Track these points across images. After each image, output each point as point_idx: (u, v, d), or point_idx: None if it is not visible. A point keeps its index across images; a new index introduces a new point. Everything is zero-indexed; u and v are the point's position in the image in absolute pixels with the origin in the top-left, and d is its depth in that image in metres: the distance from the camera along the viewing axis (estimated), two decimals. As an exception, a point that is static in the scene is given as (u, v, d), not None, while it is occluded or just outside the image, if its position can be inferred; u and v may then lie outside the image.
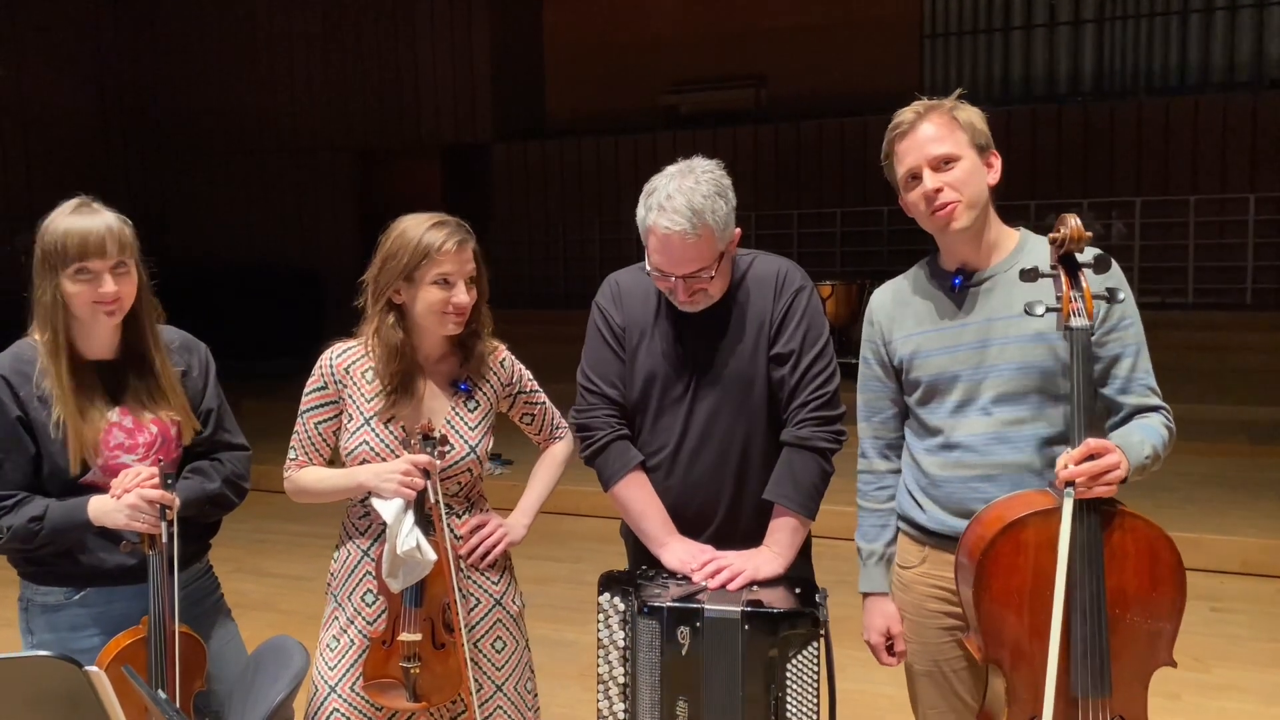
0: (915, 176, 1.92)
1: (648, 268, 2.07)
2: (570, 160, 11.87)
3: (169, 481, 1.94)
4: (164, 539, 1.91)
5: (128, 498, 1.89)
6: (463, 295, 2.05)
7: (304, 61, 12.39)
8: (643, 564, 2.13)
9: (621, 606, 1.96)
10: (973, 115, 1.93)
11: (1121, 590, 1.73)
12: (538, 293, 11.59)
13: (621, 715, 1.97)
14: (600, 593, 2.00)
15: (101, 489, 1.96)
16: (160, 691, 1.87)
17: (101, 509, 1.91)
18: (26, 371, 1.95)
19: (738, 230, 2.08)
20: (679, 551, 2.07)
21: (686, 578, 2.01)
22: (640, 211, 2.05)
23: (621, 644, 1.96)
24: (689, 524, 2.13)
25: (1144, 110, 9.90)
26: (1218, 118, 9.61)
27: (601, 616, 1.99)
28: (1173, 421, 1.89)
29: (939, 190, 1.89)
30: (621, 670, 1.97)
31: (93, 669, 1.29)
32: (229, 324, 7.04)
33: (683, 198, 1.96)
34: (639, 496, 2.12)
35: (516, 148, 12.02)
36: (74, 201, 1.95)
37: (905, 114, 1.95)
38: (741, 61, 11.49)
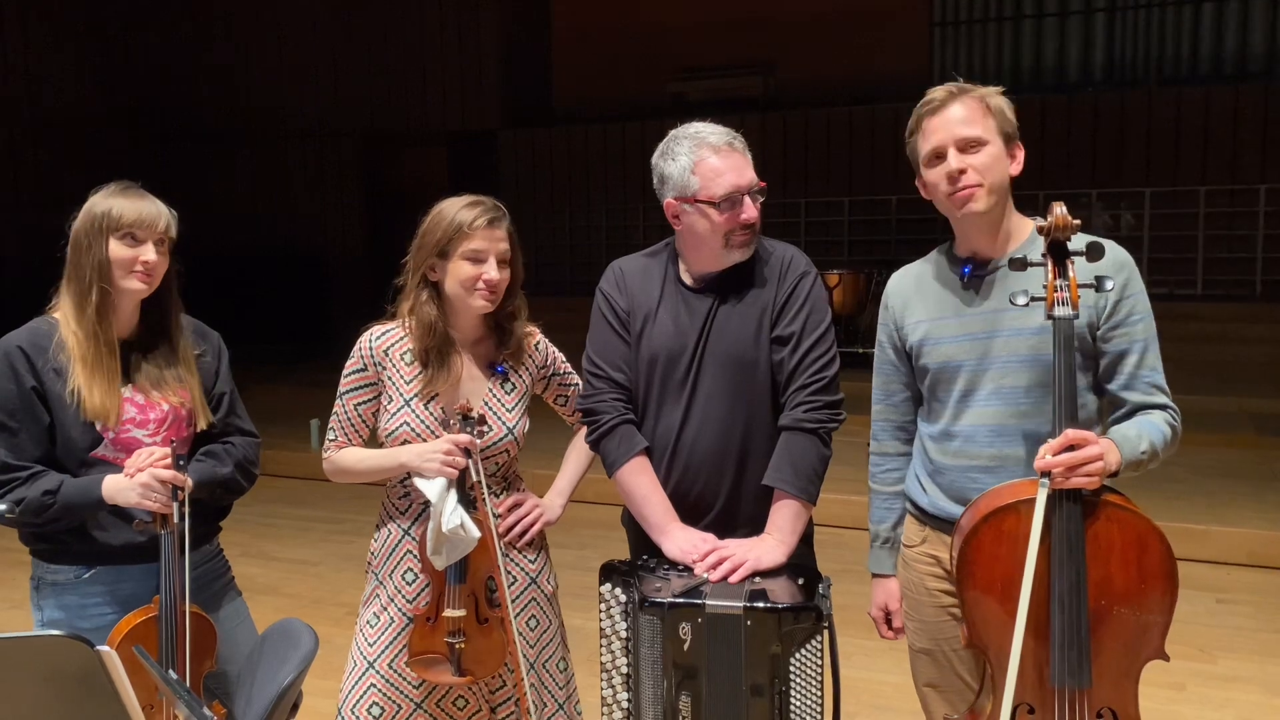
0: (940, 155, 1.91)
1: (711, 214, 2.04)
2: (577, 147, 11.83)
3: (180, 462, 1.97)
4: (175, 519, 1.93)
5: (140, 476, 1.92)
6: (493, 272, 2.09)
7: (310, 47, 12.36)
8: (644, 553, 2.12)
9: (623, 598, 1.96)
10: (1003, 104, 1.94)
11: (1108, 582, 1.71)
12: (544, 280, 11.57)
13: (625, 704, 1.97)
14: (601, 583, 2.00)
15: (113, 464, 2.00)
16: (171, 671, 1.88)
17: (115, 487, 1.94)
18: (43, 345, 2.00)
19: None
20: (680, 540, 2.06)
21: (688, 568, 2.00)
22: (681, 164, 2.07)
23: (624, 634, 1.96)
24: (690, 508, 2.13)
25: (1154, 100, 9.84)
26: (1229, 108, 9.56)
27: (603, 607, 1.99)
28: (1179, 421, 1.87)
29: (963, 171, 1.88)
30: (624, 660, 1.97)
31: (104, 649, 1.30)
32: (234, 310, 7.05)
33: (719, 129, 2.08)
34: (642, 483, 2.12)
35: (523, 135, 11.99)
36: (124, 183, 2.07)
37: (937, 92, 1.94)
38: (750, 49, 11.44)
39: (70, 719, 1.33)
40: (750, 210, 2.06)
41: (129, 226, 1.98)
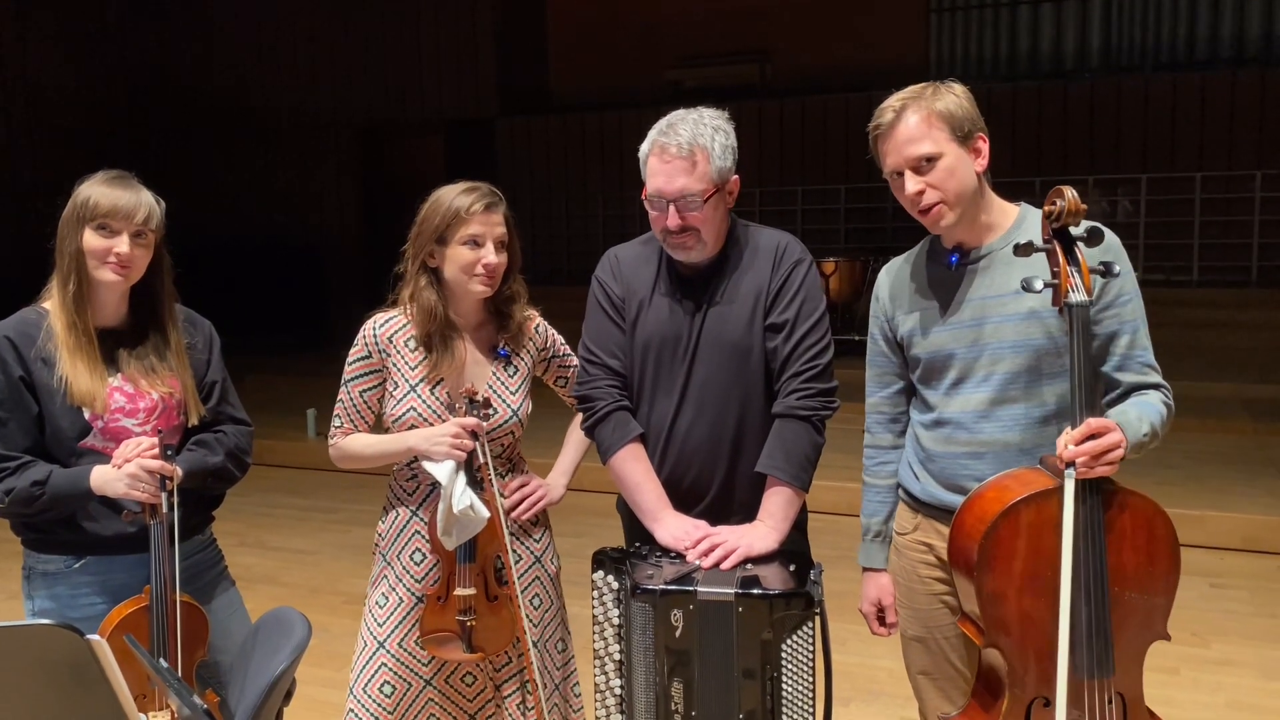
0: (900, 174, 1.92)
1: (648, 209, 2.08)
2: (574, 136, 11.80)
3: (169, 452, 1.96)
4: (164, 509, 1.93)
5: (128, 467, 1.92)
6: (492, 256, 2.12)
7: (307, 37, 12.31)
8: (638, 539, 2.13)
9: (615, 585, 1.97)
10: (952, 104, 1.87)
11: (1120, 568, 1.71)
12: (540, 268, 11.54)
13: (618, 691, 1.98)
14: (594, 570, 2.01)
15: (102, 454, 1.99)
16: (162, 660, 1.89)
17: (103, 478, 1.94)
18: (31, 334, 2.00)
19: (736, 178, 2.11)
20: (672, 527, 2.07)
21: (680, 555, 2.00)
22: (642, 154, 2.11)
23: (616, 621, 1.97)
24: (684, 496, 2.13)
25: (1151, 86, 9.81)
26: (1225, 94, 9.53)
27: (596, 594, 2.00)
28: (1172, 399, 1.87)
29: (921, 193, 1.88)
30: (617, 647, 1.98)
31: (95, 638, 1.30)
32: (231, 299, 7.05)
33: (684, 125, 2.05)
34: (635, 469, 2.12)
35: (520, 123, 11.96)
36: (114, 171, 2.04)
37: (884, 112, 1.92)
38: (746, 36, 11.40)
39: (62, 708, 1.33)
40: (672, 219, 2.03)
41: (103, 216, 1.97)
